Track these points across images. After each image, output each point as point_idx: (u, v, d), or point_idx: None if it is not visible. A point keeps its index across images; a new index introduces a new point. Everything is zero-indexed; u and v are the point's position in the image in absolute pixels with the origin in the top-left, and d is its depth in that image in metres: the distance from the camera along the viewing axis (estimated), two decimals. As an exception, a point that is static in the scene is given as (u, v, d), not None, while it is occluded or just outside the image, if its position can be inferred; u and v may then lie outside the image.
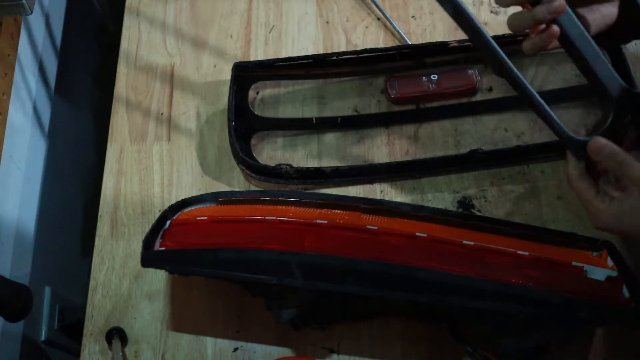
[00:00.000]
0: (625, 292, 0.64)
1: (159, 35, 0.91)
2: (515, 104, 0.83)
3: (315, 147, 0.83)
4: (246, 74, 0.84)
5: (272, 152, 0.83)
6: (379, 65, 0.86)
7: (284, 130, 0.84)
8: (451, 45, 0.84)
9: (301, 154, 0.83)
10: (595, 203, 0.62)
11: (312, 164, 0.82)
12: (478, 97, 0.85)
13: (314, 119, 0.84)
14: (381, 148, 0.83)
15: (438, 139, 0.83)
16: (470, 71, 0.85)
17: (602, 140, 0.62)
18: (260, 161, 0.81)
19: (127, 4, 0.93)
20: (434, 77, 0.84)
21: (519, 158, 0.81)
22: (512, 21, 0.63)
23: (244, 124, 0.82)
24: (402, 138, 0.83)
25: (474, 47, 0.78)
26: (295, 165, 0.80)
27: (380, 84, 0.86)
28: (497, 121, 0.84)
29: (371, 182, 0.80)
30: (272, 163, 0.80)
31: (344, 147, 0.83)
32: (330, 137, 0.84)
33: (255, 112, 0.85)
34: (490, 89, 0.85)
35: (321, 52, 0.89)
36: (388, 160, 0.82)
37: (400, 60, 0.85)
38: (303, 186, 0.80)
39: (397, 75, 0.85)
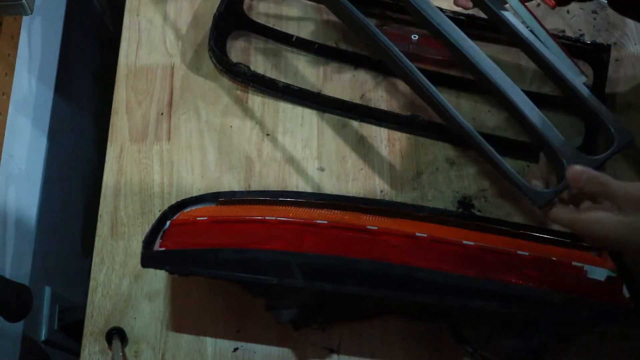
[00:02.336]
0: (626, 292, 0.64)
1: (159, 35, 0.91)
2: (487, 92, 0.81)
3: (286, 63, 0.88)
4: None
5: (249, 56, 0.89)
6: (374, 8, 0.89)
7: (263, 37, 0.89)
8: (445, 13, 0.84)
9: (271, 65, 0.89)
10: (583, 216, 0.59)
11: (276, 76, 0.87)
12: (452, 72, 0.86)
13: (295, 37, 0.89)
14: (341, 84, 0.87)
15: (395, 95, 0.85)
16: None
17: (577, 167, 0.60)
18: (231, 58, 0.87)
19: (127, 4, 0.93)
20: (414, 37, 0.86)
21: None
22: None
23: (228, 17, 0.88)
24: (366, 83, 0.86)
25: (469, 24, 0.79)
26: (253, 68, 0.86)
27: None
28: (458, 100, 0.85)
29: (319, 110, 0.85)
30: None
31: (310, 72, 0.88)
32: (303, 59, 0.89)
33: (246, 12, 0.90)
34: None
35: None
36: (341, 97, 0.85)
37: (396, 11, 0.88)
38: (257, 90, 0.86)
39: (388, 24, 0.88)
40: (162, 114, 0.86)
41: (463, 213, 0.78)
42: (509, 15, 0.75)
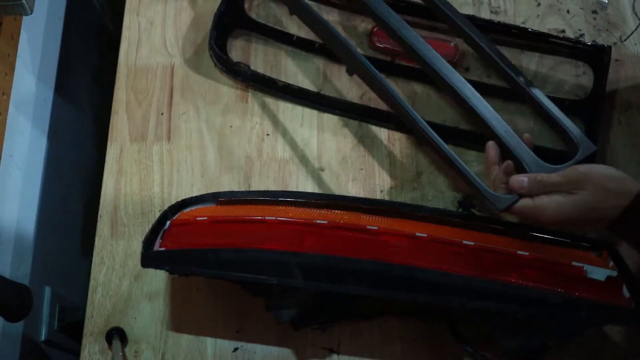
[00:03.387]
0: (625, 292, 0.64)
1: (159, 35, 0.91)
2: (488, 93, 0.80)
3: (286, 62, 0.89)
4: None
5: (249, 56, 0.89)
6: None
7: (263, 36, 0.89)
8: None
9: (271, 64, 0.88)
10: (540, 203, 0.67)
11: (276, 76, 0.87)
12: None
13: (295, 37, 0.89)
14: (341, 84, 0.87)
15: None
16: (453, 44, 0.85)
17: (517, 177, 0.67)
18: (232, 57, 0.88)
19: (127, 4, 0.93)
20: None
21: (451, 138, 0.82)
22: None
23: (229, 16, 0.88)
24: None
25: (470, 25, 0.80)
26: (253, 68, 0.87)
27: (369, 27, 0.90)
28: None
29: (318, 110, 0.85)
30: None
31: (309, 70, 0.88)
32: (303, 58, 0.89)
33: (247, 12, 0.91)
34: (468, 69, 0.85)
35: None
36: (341, 97, 0.85)
37: (397, 12, 0.87)
38: (257, 90, 0.86)
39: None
40: (162, 114, 0.86)
41: (463, 213, 0.78)
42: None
